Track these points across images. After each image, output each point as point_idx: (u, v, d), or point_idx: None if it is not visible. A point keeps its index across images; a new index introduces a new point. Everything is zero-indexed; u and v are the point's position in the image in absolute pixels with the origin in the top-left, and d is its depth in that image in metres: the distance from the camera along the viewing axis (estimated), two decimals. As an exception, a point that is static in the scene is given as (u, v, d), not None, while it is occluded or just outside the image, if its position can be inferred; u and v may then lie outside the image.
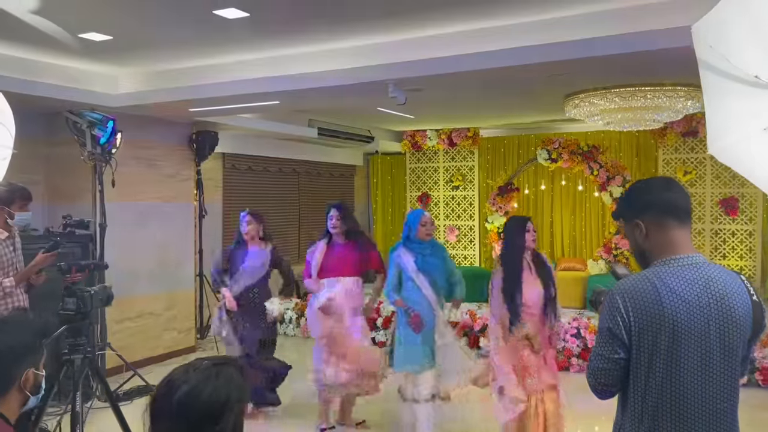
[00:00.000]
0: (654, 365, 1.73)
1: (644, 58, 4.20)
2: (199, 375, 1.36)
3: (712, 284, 1.74)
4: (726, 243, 8.25)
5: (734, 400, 1.79)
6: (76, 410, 2.65)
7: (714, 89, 1.70)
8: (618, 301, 1.76)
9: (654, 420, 1.74)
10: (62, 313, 2.66)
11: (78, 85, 5.35)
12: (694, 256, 1.79)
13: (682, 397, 1.72)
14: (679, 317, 1.71)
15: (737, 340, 1.74)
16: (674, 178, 8.44)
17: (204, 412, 1.32)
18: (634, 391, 1.78)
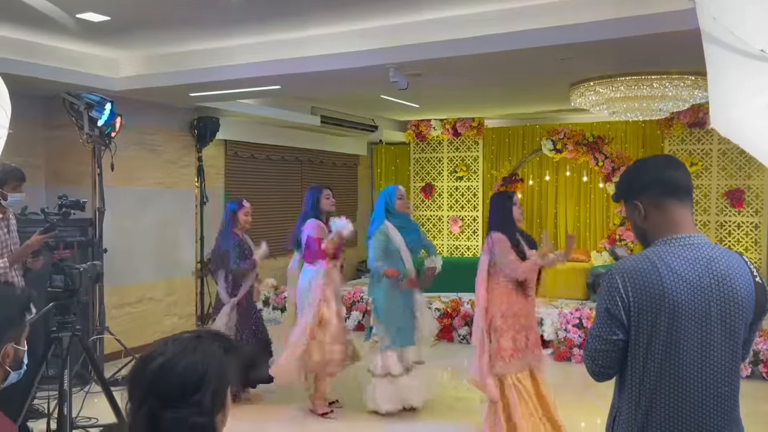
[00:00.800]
0: (653, 347, 1.68)
1: (651, 42, 4.12)
2: (176, 347, 1.30)
3: (714, 264, 1.69)
4: (731, 235, 8.16)
5: (735, 384, 1.74)
6: (63, 388, 2.62)
7: (718, 62, 1.64)
8: (617, 280, 1.71)
9: (651, 402, 1.69)
10: (50, 291, 2.63)
11: (78, 67, 5.31)
12: (695, 236, 1.74)
13: (681, 379, 1.67)
14: (680, 298, 1.66)
15: (739, 322, 1.69)
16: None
17: (177, 385, 1.26)
18: (632, 373, 1.73)
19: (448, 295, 7.43)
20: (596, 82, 6.16)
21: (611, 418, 1.83)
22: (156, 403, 1.25)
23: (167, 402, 1.25)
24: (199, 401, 1.26)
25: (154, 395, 1.26)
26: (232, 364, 1.37)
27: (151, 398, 1.26)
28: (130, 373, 1.33)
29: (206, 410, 1.28)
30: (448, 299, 7.30)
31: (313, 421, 4.68)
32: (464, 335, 6.96)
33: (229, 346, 1.37)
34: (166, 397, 1.25)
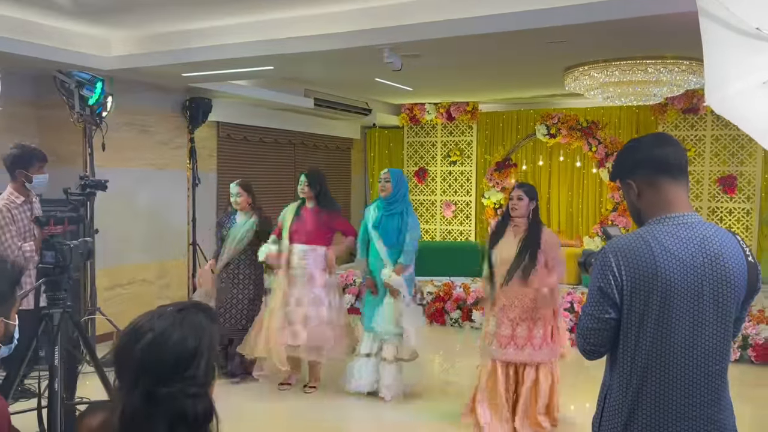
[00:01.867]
0: (645, 325, 1.69)
1: (646, 25, 4.11)
2: (165, 321, 1.27)
3: (707, 244, 1.69)
4: (723, 221, 8.21)
5: (725, 362, 1.75)
6: (54, 365, 2.62)
7: (714, 39, 1.64)
8: (611, 259, 1.71)
9: (642, 380, 1.70)
10: (41, 267, 2.62)
11: (70, 46, 5.24)
12: (689, 214, 1.74)
13: (672, 357, 1.68)
14: (673, 276, 1.66)
15: (731, 300, 1.70)
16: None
17: (172, 359, 1.24)
18: (623, 351, 1.74)
19: (441, 279, 7.45)
20: (591, 66, 6.15)
21: (602, 396, 1.84)
22: (150, 380, 1.22)
23: (161, 379, 1.23)
24: (193, 375, 1.25)
25: (148, 373, 1.23)
26: (217, 333, 1.36)
27: (145, 376, 1.23)
28: (116, 351, 1.28)
29: (200, 382, 1.26)
30: (441, 283, 7.32)
31: (300, 398, 4.75)
32: (456, 319, 7.00)
33: (212, 314, 1.36)
34: (161, 374, 1.23)
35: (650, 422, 1.70)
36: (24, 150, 3.70)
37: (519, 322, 3.89)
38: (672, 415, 1.69)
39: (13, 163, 3.69)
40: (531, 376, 3.92)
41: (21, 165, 3.67)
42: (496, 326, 3.95)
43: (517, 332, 3.90)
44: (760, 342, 5.58)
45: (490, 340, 3.97)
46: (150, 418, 1.22)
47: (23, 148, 3.71)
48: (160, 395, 1.22)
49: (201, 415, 1.25)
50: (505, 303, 3.93)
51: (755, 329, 5.65)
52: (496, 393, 3.95)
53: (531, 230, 3.95)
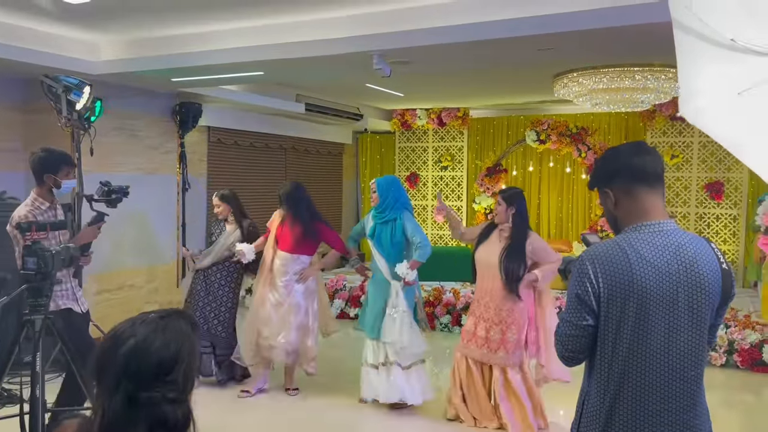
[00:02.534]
0: (621, 332, 1.71)
1: (634, 33, 4.14)
2: (146, 328, 1.30)
3: (682, 251, 1.72)
4: (710, 227, 8.27)
5: (700, 368, 1.77)
6: (36, 371, 2.61)
7: (688, 50, 1.66)
8: (587, 266, 1.73)
9: (619, 386, 1.72)
10: (22, 273, 2.61)
11: (57, 50, 5.23)
12: (664, 222, 1.76)
13: (648, 363, 1.70)
14: (648, 284, 1.68)
15: (705, 307, 1.72)
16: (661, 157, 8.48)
17: (153, 365, 1.26)
18: (601, 357, 1.76)
19: (431, 284, 7.46)
20: (579, 73, 6.20)
21: (580, 402, 1.86)
22: (131, 385, 1.24)
23: (143, 383, 1.25)
24: (174, 380, 1.27)
25: (129, 377, 1.25)
26: (198, 340, 1.39)
27: (126, 381, 1.25)
28: (97, 357, 1.31)
29: (180, 387, 1.29)
30: (431, 288, 7.33)
31: (286, 402, 4.75)
32: (446, 323, 7.01)
33: (194, 322, 1.38)
34: (142, 379, 1.25)
35: (627, 427, 1.72)
36: (53, 153, 3.55)
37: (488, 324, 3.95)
38: (648, 420, 1.71)
39: (43, 166, 3.50)
40: (497, 376, 3.96)
41: (50, 169, 3.50)
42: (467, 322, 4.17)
43: (477, 331, 4.02)
44: (746, 347, 5.62)
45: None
46: (130, 422, 1.24)
47: (52, 151, 3.56)
48: (141, 400, 1.24)
49: (180, 421, 1.27)
50: (477, 302, 4.05)
51: (741, 334, 5.68)
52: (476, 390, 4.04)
53: (514, 238, 3.96)
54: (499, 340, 3.94)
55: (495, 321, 3.96)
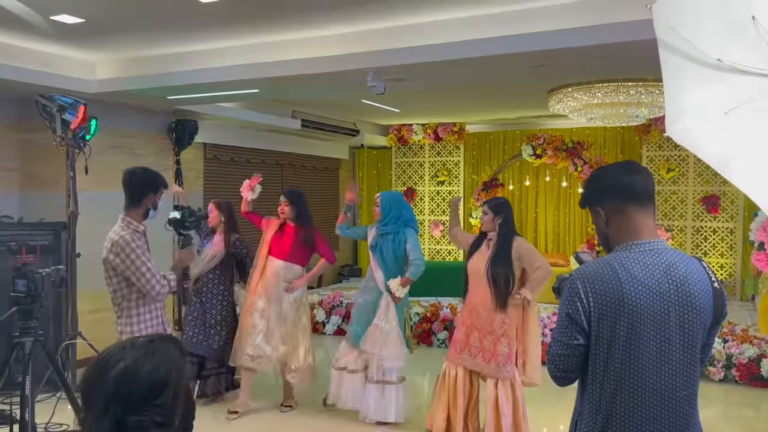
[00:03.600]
0: (613, 351, 1.70)
1: (627, 50, 4.17)
2: (136, 352, 1.30)
3: (672, 270, 1.71)
4: (707, 240, 8.27)
5: (693, 388, 1.75)
6: (25, 394, 2.59)
7: (674, 70, 1.67)
8: (578, 286, 1.73)
9: (611, 406, 1.71)
10: (12, 295, 2.59)
11: (53, 70, 5.25)
12: (655, 241, 1.76)
13: (640, 383, 1.69)
14: (639, 303, 1.68)
15: (697, 327, 1.71)
16: (656, 174, 8.42)
17: (142, 389, 1.26)
18: (592, 377, 1.75)
19: (428, 299, 7.44)
20: (574, 88, 6.23)
21: (573, 422, 1.85)
22: (120, 409, 1.24)
23: (132, 407, 1.25)
24: (162, 403, 1.27)
25: (118, 401, 1.24)
26: (186, 363, 1.39)
27: (115, 405, 1.24)
28: (85, 380, 1.30)
29: (168, 410, 1.29)
30: (428, 303, 7.31)
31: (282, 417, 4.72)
32: (443, 339, 6.97)
33: (182, 347, 1.38)
34: (131, 402, 1.25)
35: None
36: (151, 172, 3.26)
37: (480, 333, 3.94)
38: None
39: (144, 186, 3.19)
40: (490, 391, 3.94)
41: (151, 188, 3.19)
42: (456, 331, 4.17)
43: (471, 341, 4.01)
44: (744, 362, 5.59)
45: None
46: None
47: (149, 170, 3.28)
48: (130, 423, 1.24)
49: None
50: (469, 312, 4.04)
51: (739, 349, 5.66)
52: (456, 398, 4.01)
53: (499, 245, 3.96)
54: (491, 350, 3.93)
55: (488, 330, 3.95)
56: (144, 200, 3.18)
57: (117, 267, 3.07)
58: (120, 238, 3.08)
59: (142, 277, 3.07)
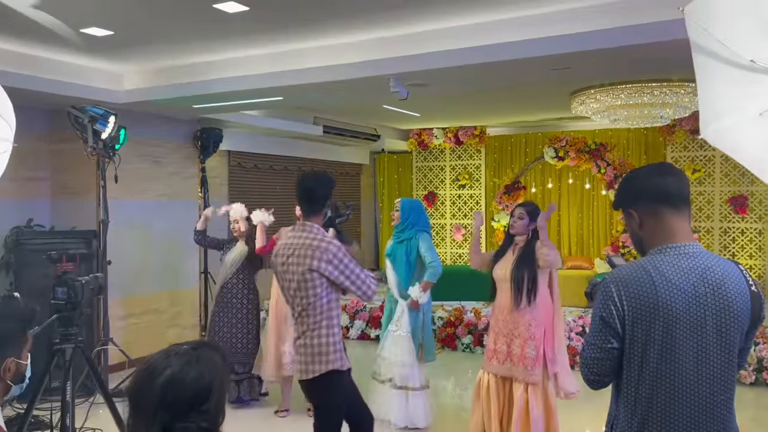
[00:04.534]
0: (648, 355, 1.69)
1: (652, 50, 4.13)
2: (181, 359, 1.34)
3: (709, 274, 1.70)
4: (735, 241, 8.14)
5: (730, 392, 1.74)
6: (66, 400, 2.65)
7: (708, 72, 1.67)
8: (612, 289, 1.72)
9: (647, 410, 1.70)
10: (53, 303, 2.67)
11: (83, 81, 5.37)
12: (690, 244, 1.75)
13: (677, 387, 1.68)
14: (675, 307, 1.67)
15: (734, 331, 1.70)
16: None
17: (188, 396, 1.30)
18: (627, 381, 1.74)
19: (451, 304, 7.43)
20: (597, 90, 6.19)
21: (608, 427, 1.84)
22: (167, 416, 1.28)
23: (178, 414, 1.29)
24: (207, 410, 1.31)
25: (166, 409, 1.28)
26: (227, 370, 1.44)
27: (162, 412, 1.28)
28: (133, 388, 1.34)
29: (212, 417, 1.33)
30: (452, 308, 7.30)
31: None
32: (467, 344, 6.96)
33: (223, 353, 1.42)
34: (178, 409, 1.29)
35: None
36: (328, 177, 3.17)
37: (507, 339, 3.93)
38: None
39: (327, 190, 3.10)
40: (519, 395, 3.91)
41: (330, 192, 3.13)
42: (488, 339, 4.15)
43: (498, 347, 3.98)
44: (777, 364, 5.49)
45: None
46: None
47: (326, 175, 3.19)
48: (177, 430, 1.28)
49: None
50: (496, 317, 4.02)
51: (771, 351, 5.56)
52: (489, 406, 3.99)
53: (524, 249, 3.93)
54: (519, 354, 3.91)
55: (515, 334, 3.93)
56: (325, 205, 3.11)
57: (330, 274, 2.93)
58: (329, 245, 2.95)
59: (357, 279, 2.98)
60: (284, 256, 3.03)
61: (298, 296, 2.98)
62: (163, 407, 1.28)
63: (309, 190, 3.07)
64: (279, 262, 3.05)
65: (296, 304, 3.01)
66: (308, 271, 2.93)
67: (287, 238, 3.10)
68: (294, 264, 2.98)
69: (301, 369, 3.06)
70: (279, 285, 3.14)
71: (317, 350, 3.01)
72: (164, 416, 1.28)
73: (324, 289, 2.96)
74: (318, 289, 2.95)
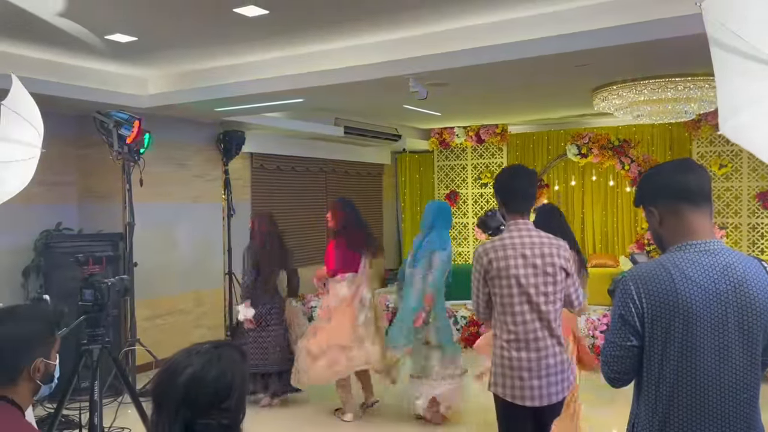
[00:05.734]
0: (668, 353, 1.68)
1: (675, 45, 4.08)
2: (202, 358, 1.37)
3: (730, 271, 1.68)
4: (764, 238, 7.98)
5: (755, 390, 1.72)
6: (94, 399, 2.72)
7: (726, 68, 1.65)
8: (631, 287, 1.72)
9: (668, 408, 1.69)
10: (80, 304, 2.75)
11: (107, 86, 5.48)
12: (711, 241, 1.73)
13: (699, 385, 1.67)
14: (695, 304, 1.65)
15: (757, 328, 1.68)
16: (708, 169, 8.23)
17: (210, 394, 1.34)
18: (647, 379, 1.74)
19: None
20: (619, 86, 6.11)
21: (630, 425, 1.84)
22: (189, 413, 1.32)
23: (200, 411, 1.32)
24: (228, 407, 1.35)
25: (188, 406, 1.32)
26: (247, 369, 1.47)
27: (185, 409, 1.32)
28: (156, 386, 1.38)
29: (233, 414, 1.36)
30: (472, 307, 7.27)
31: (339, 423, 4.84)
32: (491, 343, 6.93)
33: (243, 351, 1.45)
34: (200, 407, 1.33)
35: None
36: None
37: None
38: None
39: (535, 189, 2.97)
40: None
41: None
42: None
43: None
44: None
45: None
46: None
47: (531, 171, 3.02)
48: (198, 427, 1.32)
49: None
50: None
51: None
52: None
53: None
54: None
55: None
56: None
57: (572, 275, 2.75)
58: (564, 243, 2.77)
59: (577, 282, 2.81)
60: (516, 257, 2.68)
61: (548, 301, 2.67)
62: (185, 405, 1.32)
63: (526, 189, 2.84)
64: (512, 264, 2.67)
65: (543, 311, 2.67)
66: (560, 270, 2.70)
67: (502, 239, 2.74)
68: (541, 265, 2.67)
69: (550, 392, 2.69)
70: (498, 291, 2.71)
71: (567, 366, 2.78)
72: (186, 413, 1.32)
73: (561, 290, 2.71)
74: (563, 291, 2.72)
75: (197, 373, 1.34)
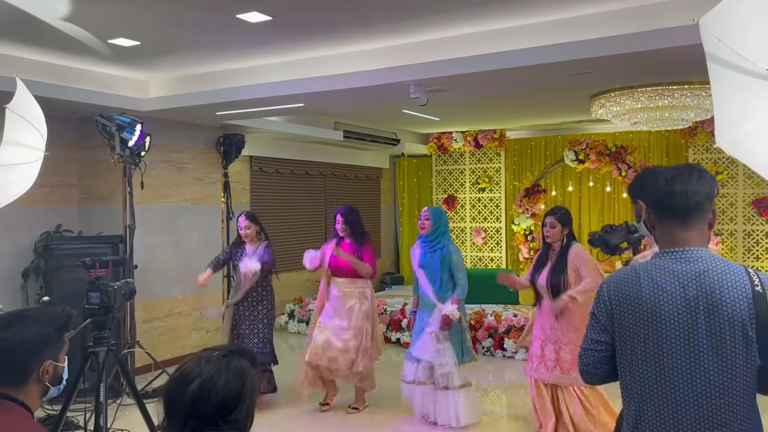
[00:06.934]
0: (636, 354, 1.74)
1: (672, 54, 4.13)
2: (211, 367, 1.37)
3: (703, 277, 1.68)
4: (759, 244, 8.05)
5: (734, 396, 1.68)
6: (100, 401, 2.74)
7: (723, 82, 1.69)
8: (603, 288, 1.84)
9: (640, 408, 1.75)
10: (87, 307, 2.77)
11: (110, 90, 5.51)
12: (692, 249, 1.72)
13: (669, 389, 1.69)
14: (660, 308, 1.70)
15: (727, 334, 1.66)
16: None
17: (218, 403, 1.34)
18: (622, 379, 1.82)
19: (472, 307, 7.44)
20: (617, 93, 6.18)
21: (617, 424, 1.90)
22: (197, 423, 1.33)
23: (207, 422, 1.33)
24: (235, 419, 1.36)
25: (196, 416, 1.33)
26: (257, 377, 1.47)
27: (193, 419, 1.33)
28: (166, 394, 1.39)
29: (241, 425, 1.37)
30: (471, 311, 7.31)
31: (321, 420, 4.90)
32: (488, 347, 6.97)
33: (252, 358, 1.45)
34: (207, 417, 1.33)
35: None
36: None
37: (556, 345, 3.98)
38: None
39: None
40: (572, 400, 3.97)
41: None
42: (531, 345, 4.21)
43: (546, 353, 4.04)
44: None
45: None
46: None
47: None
48: None
49: None
50: (541, 324, 4.10)
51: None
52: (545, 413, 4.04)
53: (560, 253, 4.05)
54: (570, 360, 3.95)
55: (563, 342, 3.99)
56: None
57: None
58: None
59: None
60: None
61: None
62: (193, 415, 1.33)
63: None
64: None
65: None
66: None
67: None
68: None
69: None
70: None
71: None
72: (194, 423, 1.33)
73: None
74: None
75: (205, 384, 1.34)
